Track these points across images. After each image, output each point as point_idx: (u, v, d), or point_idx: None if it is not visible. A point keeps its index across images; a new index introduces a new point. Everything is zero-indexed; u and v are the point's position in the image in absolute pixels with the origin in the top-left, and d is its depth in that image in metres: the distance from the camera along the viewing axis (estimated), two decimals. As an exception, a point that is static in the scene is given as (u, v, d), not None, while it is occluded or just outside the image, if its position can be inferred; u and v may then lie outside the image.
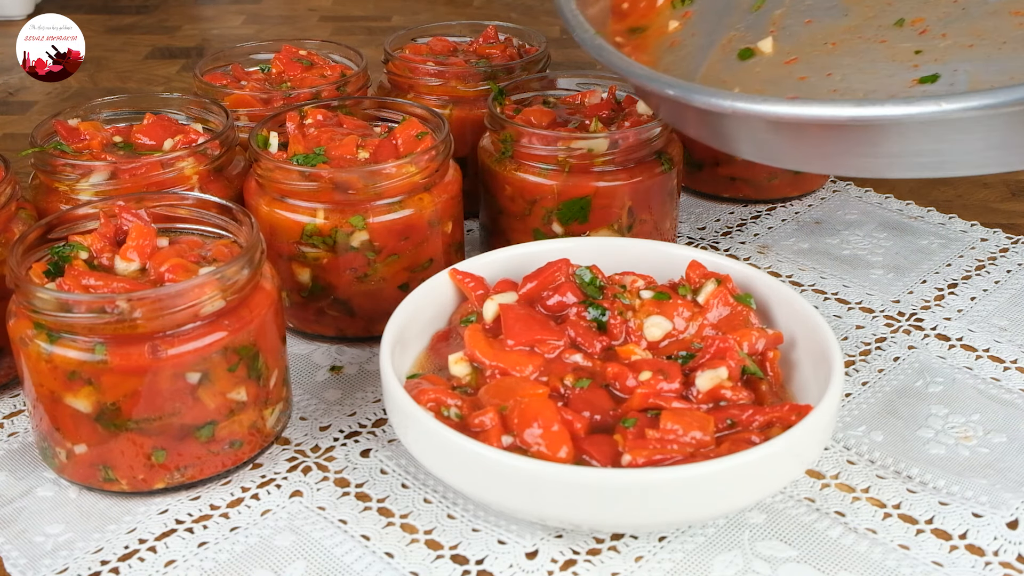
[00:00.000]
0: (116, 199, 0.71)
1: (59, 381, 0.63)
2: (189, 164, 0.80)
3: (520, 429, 0.59)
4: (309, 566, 0.62)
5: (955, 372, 0.78)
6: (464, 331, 0.67)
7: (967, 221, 1.01)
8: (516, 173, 0.85)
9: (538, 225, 0.86)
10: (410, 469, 0.70)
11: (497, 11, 1.76)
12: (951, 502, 0.66)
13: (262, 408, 0.69)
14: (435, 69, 0.98)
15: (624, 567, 0.61)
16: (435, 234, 0.81)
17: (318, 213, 0.78)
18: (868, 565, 0.61)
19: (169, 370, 0.63)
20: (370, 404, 0.77)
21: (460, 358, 0.66)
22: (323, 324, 0.83)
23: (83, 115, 0.87)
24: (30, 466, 0.71)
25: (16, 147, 1.17)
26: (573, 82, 0.95)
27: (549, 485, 0.56)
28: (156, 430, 0.64)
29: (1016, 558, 0.62)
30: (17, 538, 0.65)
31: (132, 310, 0.61)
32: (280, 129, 0.84)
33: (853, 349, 0.81)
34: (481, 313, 0.69)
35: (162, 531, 0.65)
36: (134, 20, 1.74)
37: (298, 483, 0.69)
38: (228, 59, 1.04)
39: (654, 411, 0.61)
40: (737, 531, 0.64)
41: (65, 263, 0.65)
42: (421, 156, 0.78)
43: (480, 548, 0.63)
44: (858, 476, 0.68)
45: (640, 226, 0.87)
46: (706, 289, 0.69)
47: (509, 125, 0.85)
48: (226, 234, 0.71)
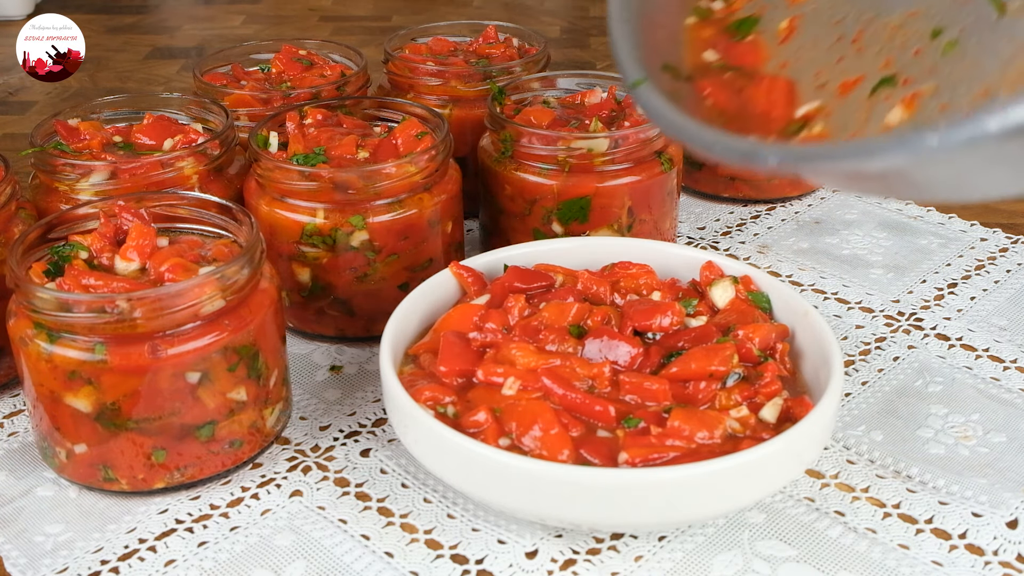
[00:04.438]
0: (116, 199, 0.71)
1: (59, 381, 0.63)
2: (189, 164, 0.80)
3: (520, 433, 0.60)
4: (309, 566, 0.62)
5: (955, 372, 0.78)
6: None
7: (967, 221, 1.01)
8: (516, 173, 0.85)
9: (538, 225, 0.86)
10: (410, 469, 0.70)
11: (497, 11, 1.76)
12: (951, 502, 0.66)
13: (262, 408, 0.69)
14: (435, 69, 0.98)
15: (624, 567, 0.61)
16: (435, 234, 0.81)
17: (318, 213, 0.78)
18: (868, 565, 0.61)
19: (169, 370, 0.63)
20: (370, 404, 0.77)
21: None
22: (323, 324, 0.83)
23: (83, 115, 0.87)
24: (30, 466, 0.71)
25: (16, 147, 1.17)
26: (573, 82, 0.95)
27: (549, 485, 0.56)
28: (156, 430, 0.64)
29: (1016, 558, 0.62)
30: (17, 538, 0.65)
31: (132, 310, 0.61)
32: (280, 129, 0.84)
33: (853, 349, 0.81)
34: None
35: (162, 531, 0.65)
36: (134, 20, 1.74)
37: (298, 483, 0.69)
38: (228, 59, 1.04)
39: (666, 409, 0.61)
40: (737, 531, 0.64)
41: (65, 263, 0.65)
42: (421, 156, 0.78)
43: (480, 548, 0.63)
44: (858, 476, 0.68)
45: (640, 226, 0.87)
46: (720, 287, 0.71)
47: (509, 125, 0.85)
48: (226, 234, 0.71)
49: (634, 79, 0.59)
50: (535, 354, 0.64)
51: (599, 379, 0.63)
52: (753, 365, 0.65)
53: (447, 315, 0.70)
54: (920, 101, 0.52)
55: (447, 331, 0.68)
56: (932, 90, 0.51)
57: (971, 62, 0.50)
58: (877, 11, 0.58)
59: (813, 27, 0.61)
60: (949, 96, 0.50)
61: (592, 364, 0.64)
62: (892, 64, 0.55)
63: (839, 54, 0.59)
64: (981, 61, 0.50)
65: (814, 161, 0.50)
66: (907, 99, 0.53)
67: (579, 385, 0.63)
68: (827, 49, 0.60)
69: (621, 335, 0.66)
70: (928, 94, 0.51)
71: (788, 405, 0.62)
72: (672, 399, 0.62)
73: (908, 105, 0.52)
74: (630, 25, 0.63)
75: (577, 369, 0.64)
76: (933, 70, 0.52)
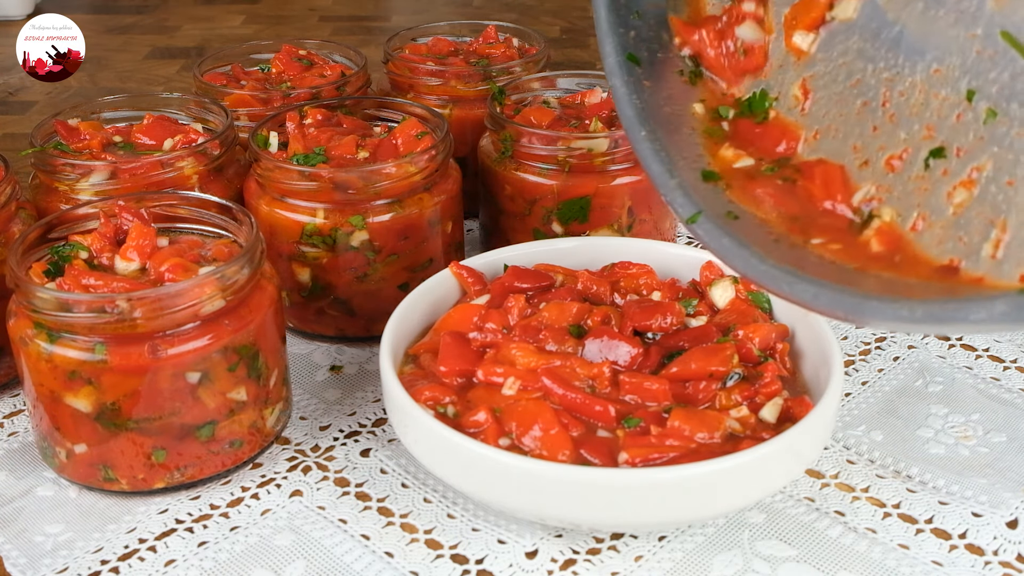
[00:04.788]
0: (116, 199, 0.71)
1: (59, 381, 0.63)
2: (189, 164, 0.80)
3: (520, 433, 0.60)
4: (309, 566, 0.62)
5: (955, 372, 0.78)
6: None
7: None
8: (516, 173, 0.85)
9: (538, 225, 0.86)
10: (410, 469, 0.70)
11: (497, 11, 1.76)
12: (951, 502, 0.66)
13: (262, 408, 0.69)
14: (435, 69, 0.98)
15: (624, 567, 0.61)
16: (435, 234, 0.81)
17: (318, 213, 0.78)
18: (868, 564, 0.61)
19: (169, 370, 0.63)
20: (370, 404, 0.77)
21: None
22: (323, 324, 0.83)
23: (83, 115, 0.88)
24: (30, 466, 0.71)
25: (16, 147, 1.17)
26: (573, 82, 0.95)
27: (549, 485, 0.56)
28: (156, 430, 0.64)
29: (1016, 557, 0.62)
30: (17, 538, 0.65)
31: (132, 310, 0.61)
32: (280, 129, 0.84)
33: (853, 349, 0.81)
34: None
35: (162, 531, 0.65)
36: (134, 20, 1.74)
37: (298, 483, 0.69)
38: (228, 59, 1.04)
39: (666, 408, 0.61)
40: (737, 531, 0.64)
41: (65, 263, 0.65)
42: (421, 156, 0.78)
43: (480, 547, 0.63)
44: (858, 476, 0.68)
45: (640, 226, 0.87)
46: (720, 287, 0.71)
47: (509, 125, 0.85)
48: (226, 234, 0.71)
49: (690, 214, 0.57)
50: (535, 354, 0.64)
51: (599, 379, 0.63)
52: (753, 365, 0.65)
53: (447, 315, 0.70)
54: (983, 181, 0.50)
55: (447, 331, 0.68)
56: (992, 166, 0.50)
57: (1019, 129, 0.48)
58: (895, 69, 0.56)
59: (830, 88, 0.59)
60: (1009, 172, 0.48)
61: (592, 364, 0.64)
62: (934, 132, 0.53)
63: (872, 123, 0.57)
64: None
65: (925, 325, 0.46)
66: (965, 181, 0.51)
67: (579, 385, 0.63)
68: (856, 116, 0.58)
69: (621, 335, 0.66)
70: (985, 170, 0.50)
71: (788, 405, 0.62)
72: (672, 399, 0.62)
73: (968, 185, 0.51)
74: (655, 143, 0.60)
75: (577, 369, 0.64)
76: (981, 139, 0.51)
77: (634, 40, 0.64)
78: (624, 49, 0.63)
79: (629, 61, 0.63)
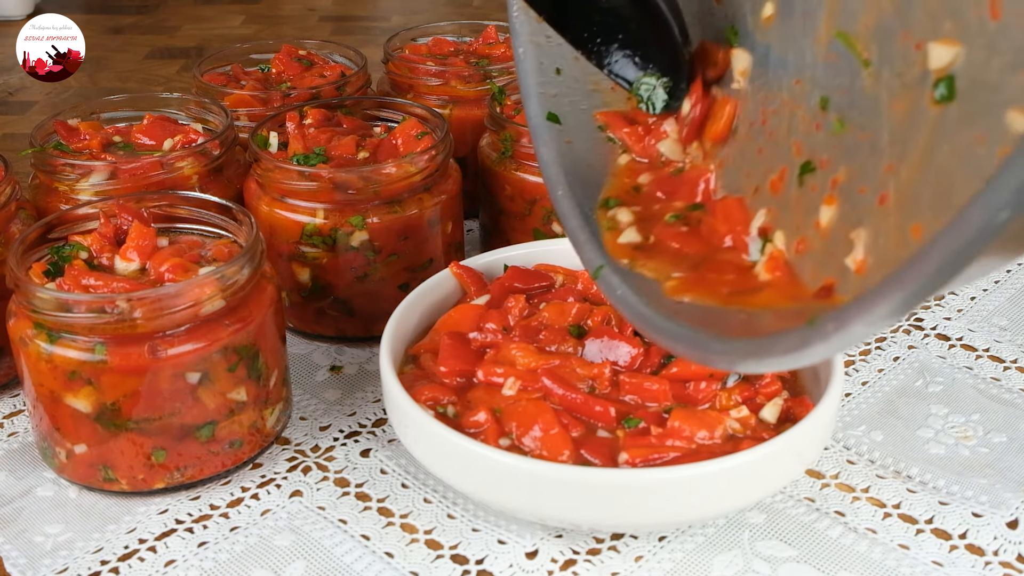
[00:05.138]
0: (116, 199, 0.71)
1: (59, 381, 0.63)
2: (189, 164, 0.80)
3: (520, 433, 0.60)
4: (309, 566, 0.62)
5: (955, 372, 0.78)
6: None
7: (967, 221, 1.01)
8: (516, 173, 0.85)
9: (538, 225, 0.86)
10: (410, 469, 0.70)
11: (497, 11, 1.76)
12: (951, 502, 0.66)
13: (262, 408, 0.69)
14: (435, 69, 0.98)
15: (624, 567, 0.61)
16: (435, 234, 0.81)
17: (318, 213, 0.78)
18: (868, 565, 0.61)
19: (169, 370, 0.63)
20: (370, 404, 0.77)
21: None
22: (323, 324, 0.83)
23: (83, 115, 0.88)
24: (30, 466, 0.71)
25: (16, 147, 1.17)
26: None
27: (549, 485, 0.56)
28: (156, 430, 0.64)
29: (1016, 558, 0.62)
30: (17, 538, 0.65)
31: (132, 310, 0.61)
32: (280, 129, 0.84)
33: (853, 349, 0.81)
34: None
35: (162, 531, 0.65)
36: (134, 20, 1.74)
37: (298, 483, 0.69)
38: (228, 59, 1.04)
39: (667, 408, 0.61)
40: (737, 531, 0.64)
41: (65, 263, 0.65)
42: (421, 156, 0.78)
43: (480, 548, 0.63)
44: (858, 476, 0.68)
45: (640, 226, 0.87)
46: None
47: (509, 125, 0.85)
48: (226, 234, 0.71)
49: (594, 268, 0.57)
50: (535, 354, 0.64)
51: (599, 379, 0.63)
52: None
53: (447, 315, 0.70)
54: (840, 194, 0.47)
55: (447, 331, 0.68)
56: (845, 176, 0.47)
57: (864, 134, 0.46)
58: (767, 88, 0.54)
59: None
60: (861, 180, 0.45)
61: (592, 364, 0.64)
62: (802, 147, 0.51)
63: (757, 145, 0.55)
64: (873, 134, 0.45)
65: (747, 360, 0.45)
66: (828, 197, 0.48)
67: (579, 385, 0.63)
68: (743, 142, 0.56)
69: (621, 335, 0.66)
70: (843, 181, 0.47)
71: (788, 405, 0.62)
72: (672, 399, 0.62)
73: (830, 201, 0.48)
74: (572, 200, 0.61)
75: (577, 369, 0.64)
76: (836, 148, 0.48)
77: (555, 99, 0.64)
78: (545, 109, 0.64)
79: (549, 121, 0.64)
